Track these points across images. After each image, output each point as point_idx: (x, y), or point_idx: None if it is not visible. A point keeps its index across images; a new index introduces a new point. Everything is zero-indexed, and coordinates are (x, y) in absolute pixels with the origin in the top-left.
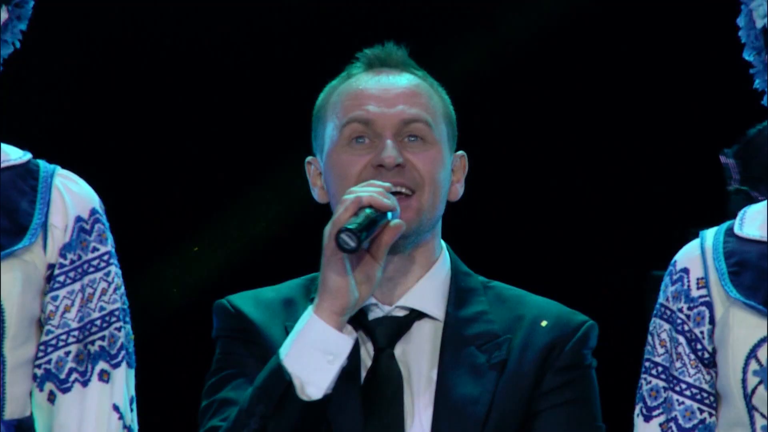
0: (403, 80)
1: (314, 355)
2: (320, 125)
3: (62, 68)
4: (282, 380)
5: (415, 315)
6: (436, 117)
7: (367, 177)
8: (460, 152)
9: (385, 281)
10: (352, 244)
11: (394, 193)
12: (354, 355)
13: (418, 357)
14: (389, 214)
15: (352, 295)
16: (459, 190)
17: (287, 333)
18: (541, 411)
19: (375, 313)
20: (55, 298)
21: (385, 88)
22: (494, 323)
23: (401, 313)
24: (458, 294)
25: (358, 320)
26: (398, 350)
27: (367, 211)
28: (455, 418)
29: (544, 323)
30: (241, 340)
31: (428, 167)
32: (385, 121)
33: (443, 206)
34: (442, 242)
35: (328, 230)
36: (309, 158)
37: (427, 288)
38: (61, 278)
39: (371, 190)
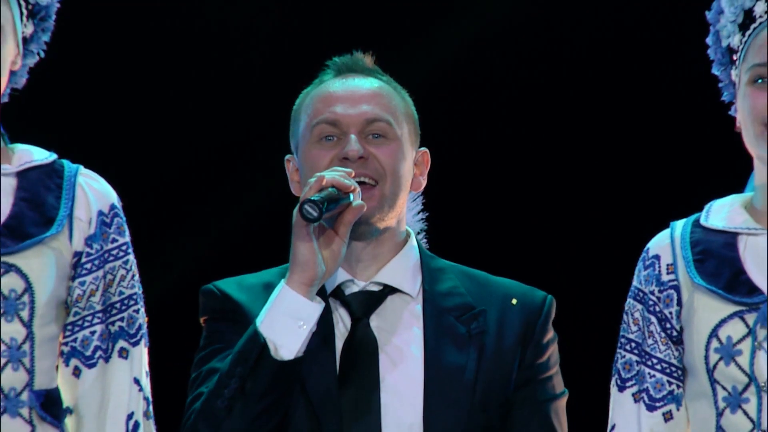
0: (367, 84)
1: (286, 321)
2: (296, 126)
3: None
4: (257, 344)
5: (389, 290)
6: (397, 116)
7: None
8: (423, 148)
9: (359, 262)
10: (315, 213)
11: (359, 183)
12: (330, 324)
13: (393, 328)
14: (351, 196)
15: (319, 268)
16: (422, 182)
17: None
18: (518, 387)
19: (351, 288)
20: (82, 284)
21: (351, 91)
22: (467, 296)
23: (376, 288)
24: (430, 273)
25: (337, 295)
26: (374, 321)
27: (330, 189)
28: (447, 385)
29: (514, 301)
30: (227, 319)
31: (389, 160)
32: (349, 120)
33: (405, 196)
34: (409, 229)
35: (296, 208)
36: (288, 156)
37: (399, 267)
38: (88, 266)
39: (333, 173)
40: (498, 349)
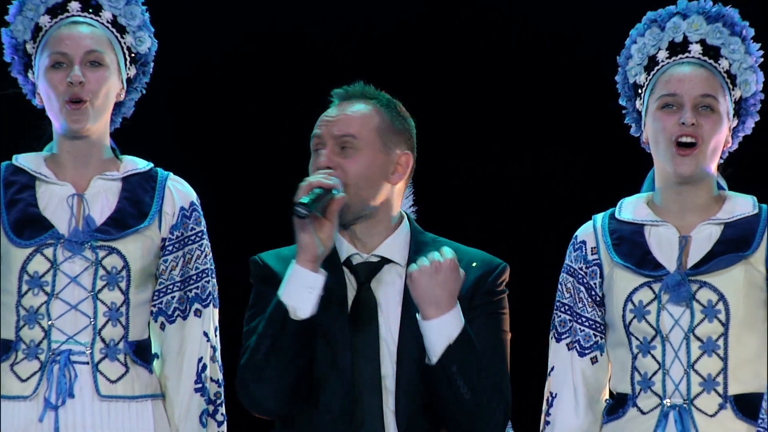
0: (351, 107)
1: (299, 290)
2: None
3: None
4: (281, 309)
5: (385, 261)
6: (368, 132)
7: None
8: (406, 151)
9: (359, 240)
10: (304, 212)
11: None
12: (344, 285)
13: (387, 290)
14: (334, 191)
15: (318, 249)
16: (397, 179)
17: None
18: (472, 319)
19: (357, 260)
20: (165, 261)
21: (335, 114)
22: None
23: (375, 260)
24: (416, 245)
25: (348, 264)
26: (373, 284)
27: (317, 190)
28: (415, 324)
29: (474, 264)
30: (266, 283)
31: (355, 167)
32: (326, 136)
33: (377, 192)
34: (403, 212)
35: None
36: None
37: (392, 243)
38: (170, 248)
39: (317, 177)
40: (458, 296)
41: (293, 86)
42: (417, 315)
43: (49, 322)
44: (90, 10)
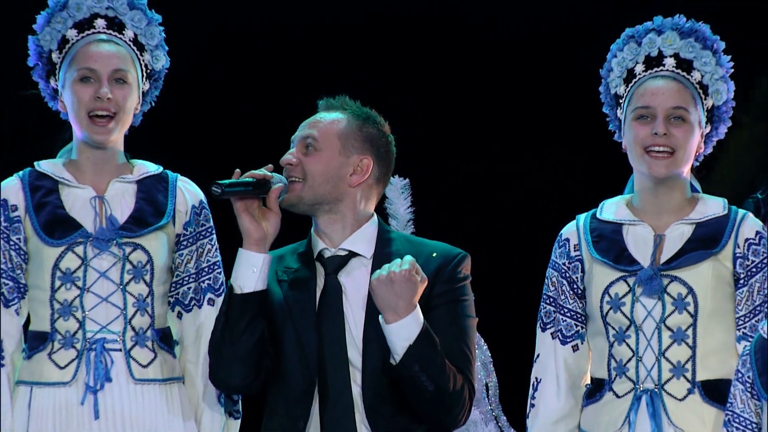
0: (325, 115)
1: (244, 269)
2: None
3: None
4: (229, 288)
5: (351, 254)
6: (329, 135)
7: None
8: (367, 156)
9: (326, 235)
10: (217, 191)
11: (291, 181)
12: (314, 277)
13: (353, 280)
14: (273, 183)
15: (260, 232)
16: (356, 180)
17: (277, 275)
18: (434, 307)
19: (327, 254)
20: (180, 255)
21: (310, 119)
22: (404, 254)
23: (342, 253)
24: (382, 241)
25: (318, 257)
26: (341, 276)
27: (246, 179)
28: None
29: (434, 254)
30: None
31: (312, 166)
32: (297, 137)
33: (333, 189)
34: (374, 213)
35: None
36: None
37: (359, 238)
38: (184, 242)
39: (256, 171)
40: None
41: (277, 85)
42: (379, 317)
43: (83, 314)
44: (114, 28)
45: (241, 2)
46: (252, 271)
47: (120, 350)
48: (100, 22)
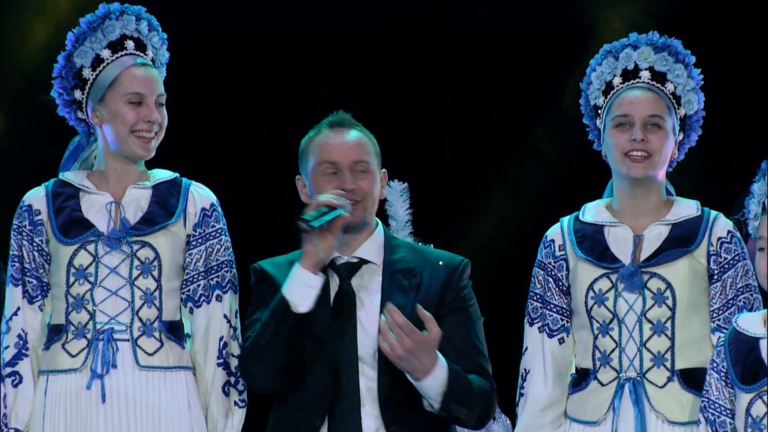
0: (352, 135)
1: (300, 288)
2: (304, 159)
3: None
4: (284, 303)
5: (363, 261)
6: (371, 155)
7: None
8: (383, 170)
9: (344, 245)
10: (305, 227)
11: (351, 202)
12: (326, 286)
13: (365, 286)
14: (340, 210)
15: (318, 256)
16: (384, 192)
17: None
18: (446, 314)
19: (340, 261)
20: (190, 254)
21: (342, 141)
22: (410, 262)
23: (355, 260)
24: (390, 248)
25: (332, 265)
26: (353, 281)
27: (323, 208)
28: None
29: (440, 263)
30: (264, 286)
31: (368, 188)
32: (344, 162)
33: (375, 206)
34: (377, 220)
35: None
36: (298, 176)
37: (369, 246)
38: (194, 243)
39: (326, 196)
40: (427, 293)
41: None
42: (408, 375)
43: (94, 307)
44: (141, 49)
45: (242, 2)
46: (308, 291)
47: (127, 340)
48: (129, 44)
